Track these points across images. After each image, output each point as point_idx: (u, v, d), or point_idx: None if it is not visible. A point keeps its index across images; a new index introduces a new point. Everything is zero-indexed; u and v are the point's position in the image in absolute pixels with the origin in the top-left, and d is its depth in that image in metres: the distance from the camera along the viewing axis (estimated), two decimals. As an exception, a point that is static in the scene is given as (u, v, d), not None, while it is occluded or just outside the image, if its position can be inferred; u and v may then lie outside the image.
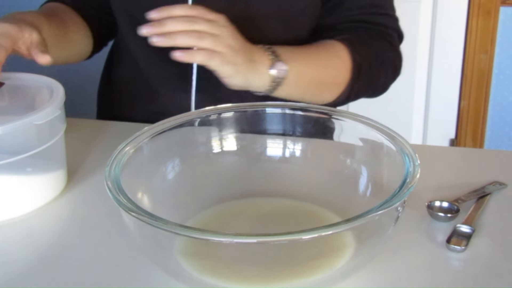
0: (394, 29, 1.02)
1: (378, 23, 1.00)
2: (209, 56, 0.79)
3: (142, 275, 0.62)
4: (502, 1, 2.00)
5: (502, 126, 2.16)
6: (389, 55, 1.00)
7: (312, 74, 0.91)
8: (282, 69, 0.86)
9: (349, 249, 0.57)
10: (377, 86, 1.01)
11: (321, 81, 0.93)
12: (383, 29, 1.00)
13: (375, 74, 0.98)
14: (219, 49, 0.80)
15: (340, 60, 0.93)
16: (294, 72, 0.87)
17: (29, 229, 0.72)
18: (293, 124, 0.74)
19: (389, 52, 1.00)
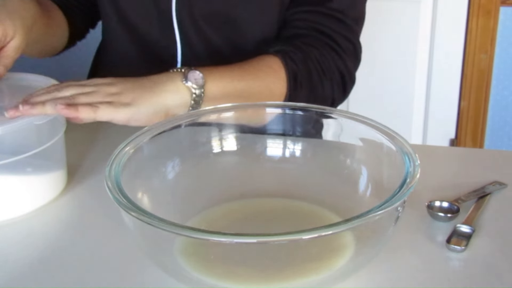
0: (347, 39, 0.96)
1: (324, 24, 0.94)
2: (94, 108, 0.74)
3: (142, 275, 0.62)
4: (502, 1, 2.00)
5: (502, 126, 2.16)
6: (330, 62, 0.93)
7: (238, 85, 0.85)
8: (197, 77, 0.81)
9: (349, 249, 0.57)
10: (322, 97, 0.94)
11: (251, 93, 0.86)
12: (330, 32, 0.94)
13: (317, 84, 0.92)
14: (99, 99, 0.75)
15: (271, 69, 0.89)
16: (214, 83, 0.82)
17: (29, 229, 0.72)
18: (293, 124, 0.74)
19: (331, 59, 0.94)
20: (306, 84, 0.91)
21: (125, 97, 0.76)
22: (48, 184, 0.77)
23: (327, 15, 0.94)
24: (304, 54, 0.91)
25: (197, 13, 0.97)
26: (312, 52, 0.92)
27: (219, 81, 0.83)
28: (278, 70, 0.89)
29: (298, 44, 0.92)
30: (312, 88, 0.92)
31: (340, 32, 0.94)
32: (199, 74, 0.81)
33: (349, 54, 0.96)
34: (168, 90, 0.79)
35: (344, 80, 0.95)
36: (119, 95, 0.76)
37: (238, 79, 0.85)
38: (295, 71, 0.89)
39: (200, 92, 0.80)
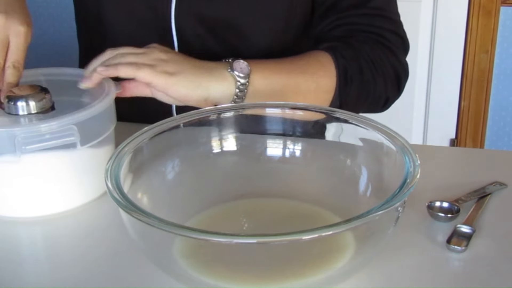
0: (395, 33, 0.94)
1: (371, 24, 0.92)
2: (135, 67, 0.77)
3: (142, 275, 0.62)
4: (502, 1, 2.00)
5: (502, 126, 2.16)
6: (383, 59, 0.91)
7: (285, 79, 0.84)
8: (242, 66, 0.80)
9: (349, 249, 0.57)
10: (376, 95, 0.92)
11: (298, 88, 0.85)
12: (378, 31, 0.92)
13: (370, 80, 0.90)
14: (144, 61, 0.78)
15: (320, 64, 0.87)
16: (260, 74, 0.82)
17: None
18: (293, 124, 0.74)
19: (384, 56, 0.91)
20: (357, 81, 0.88)
21: (171, 67, 0.78)
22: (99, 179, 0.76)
23: (371, 15, 0.93)
24: (355, 51, 0.89)
25: (197, 19, 0.94)
26: (363, 48, 0.90)
27: (265, 73, 0.82)
28: (328, 65, 0.87)
29: (348, 41, 0.90)
30: (364, 84, 0.89)
31: (388, 28, 0.93)
32: (244, 63, 0.80)
33: (400, 48, 0.94)
34: (213, 75, 0.79)
35: (399, 76, 0.93)
36: (166, 62, 0.78)
37: (286, 72, 0.84)
38: (345, 67, 0.87)
39: (245, 82, 0.80)
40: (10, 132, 0.69)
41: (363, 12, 0.92)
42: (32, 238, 0.72)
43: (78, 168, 0.74)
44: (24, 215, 0.73)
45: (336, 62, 0.87)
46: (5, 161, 0.70)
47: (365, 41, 0.91)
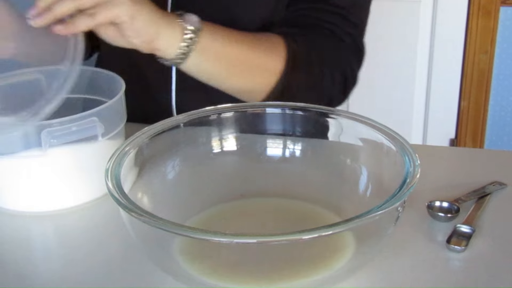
0: (352, 37, 0.92)
1: (329, 22, 0.90)
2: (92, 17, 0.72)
3: (142, 275, 0.62)
4: (502, 1, 2.00)
5: (502, 126, 2.16)
6: (335, 58, 0.90)
7: (235, 47, 0.82)
8: (194, 20, 0.78)
9: (349, 249, 0.57)
10: (321, 89, 0.90)
11: (246, 61, 0.83)
12: (336, 30, 0.91)
13: (317, 72, 0.88)
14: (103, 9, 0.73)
15: (273, 45, 0.85)
16: (211, 34, 0.79)
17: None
18: (293, 124, 0.74)
19: (337, 56, 0.90)
20: (305, 69, 0.87)
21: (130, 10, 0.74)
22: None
23: (330, 12, 0.92)
24: (309, 41, 0.89)
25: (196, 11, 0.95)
26: (317, 41, 0.90)
27: (216, 35, 0.80)
28: (279, 47, 0.86)
29: (305, 31, 0.90)
30: (311, 74, 0.88)
31: (344, 29, 0.91)
32: (196, 18, 0.78)
33: (352, 52, 0.93)
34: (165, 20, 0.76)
35: (346, 79, 0.91)
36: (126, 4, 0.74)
37: (237, 41, 0.82)
38: (295, 52, 0.86)
39: (193, 36, 0.77)
40: (36, 126, 0.69)
41: (322, 7, 0.91)
42: (44, 232, 0.72)
43: (98, 161, 0.73)
44: (40, 209, 0.74)
45: (287, 47, 0.86)
46: (30, 156, 0.71)
47: (321, 35, 0.90)
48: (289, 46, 0.86)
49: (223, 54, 0.81)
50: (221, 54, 0.81)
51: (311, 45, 0.88)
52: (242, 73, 0.84)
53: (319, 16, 0.91)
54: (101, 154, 0.73)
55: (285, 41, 0.86)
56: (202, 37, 0.78)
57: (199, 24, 0.78)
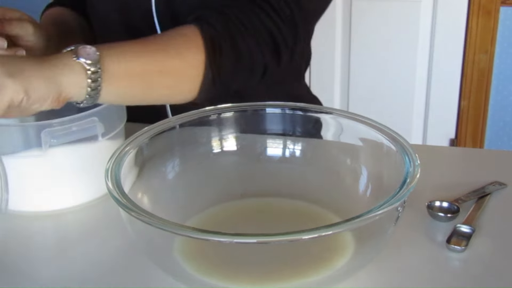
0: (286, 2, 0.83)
1: None
2: None
3: (142, 275, 0.62)
4: (502, 1, 2.00)
5: (502, 126, 2.16)
6: (255, 21, 0.81)
7: (145, 60, 0.74)
8: (89, 52, 0.69)
9: (349, 249, 0.57)
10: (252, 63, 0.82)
11: (163, 67, 0.75)
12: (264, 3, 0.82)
13: (240, 43, 0.80)
14: None
15: (185, 38, 0.78)
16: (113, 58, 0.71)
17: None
18: (293, 124, 0.74)
19: (257, 18, 0.81)
20: (227, 47, 0.79)
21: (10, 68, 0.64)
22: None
23: None
24: (224, 16, 0.80)
25: (177, 10, 0.92)
26: (232, 12, 0.81)
27: (118, 56, 0.71)
28: (193, 37, 0.78)
29: (218, 8, 0.82)
30: (235, 49, 0.80)
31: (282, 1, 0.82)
32: (91, 49, 0.69)
33: (285, 20, 0.83)
34: (59, 67, 0.67)
35: (277, 44, 0.82)
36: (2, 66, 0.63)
37: (144, 52, 0.74)
38: (212, 35, 0.78)
39: (96, 69, 0.68)
40: (36, 126, 0.69)
41: None
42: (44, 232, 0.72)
43: (98, 161, 0.72)
44: (40, 209, 0.74)
45: (202, 33, 0.78)
46: (30, 156, 0.71)
47: (235, 4, 0.82)
48: (203, 32, 0.78)
49: (136, 72, 0.73)
50: (133, 72, 0.73)
51: (228, 19, 0.80)
52: (164, 80, 0.76)
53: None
54: (101, 154, 0.73)
55: (198, 28, 0.78)
56: (106, 65, 0.70)
57: (96, 54, 0.69)
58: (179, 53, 0.76)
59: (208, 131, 0.73)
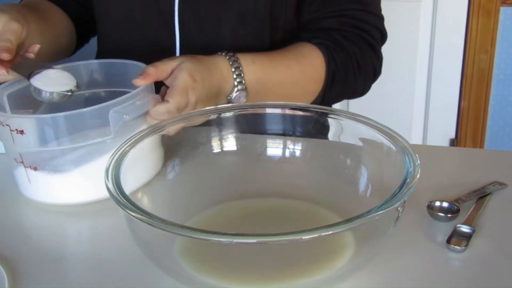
0: (378, 29, 0.99)
1: (360, 19, 0.97)
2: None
3: (142, 275, 0.62)
4: (502, 1, 2.00)
5: (502, 126, 2.16)
6: (367, 59, 0.97)
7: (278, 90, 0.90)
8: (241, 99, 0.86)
9: (349, 249, 0.57)
10: (353, 91, 0.99)
11: (288, 95, 0.91)
12: (365, 27, 0.97)
13: (351, 81, 0.96)
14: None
15: (313, 70, 0.91)
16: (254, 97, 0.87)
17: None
18: (293, 124, 0.74)
19: (368, 56, 0.97)
20: (341, 84, 0.94)
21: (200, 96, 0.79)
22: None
23: (360, 10, 0.96)
24: (346, 54, 0.94)
25: (202, 13, 0.95)
26: (352, 50, 0.94)
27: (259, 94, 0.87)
28: (319, 70, 0.92)
29: (339, 40, 0.94)
30: (346, 86, 0.95)
31: (374, 24, 0.98)
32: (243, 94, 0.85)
33: (380, 44, 0.99)
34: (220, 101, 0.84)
35: (375, 71, 0.99)
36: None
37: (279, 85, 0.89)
38: (334, 73, 0.92)
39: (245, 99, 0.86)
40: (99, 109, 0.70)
41: (353, 7, 0.96)
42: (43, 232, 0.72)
43: None
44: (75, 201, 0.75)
45: (327, 67, 0.92)
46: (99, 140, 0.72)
47: (354, 40, 0.95)
48: (328, 66, 0.92)
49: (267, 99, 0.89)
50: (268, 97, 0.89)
51: (349, 59, 0.94)
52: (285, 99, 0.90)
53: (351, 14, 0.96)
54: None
55: (325, 60, 0.92)
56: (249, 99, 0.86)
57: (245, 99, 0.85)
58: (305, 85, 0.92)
59: (208, 131, 0.73)
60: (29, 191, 0.76)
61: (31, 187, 0.75)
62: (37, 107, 0.80)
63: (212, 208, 0.70)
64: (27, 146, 0.71)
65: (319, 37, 0.94)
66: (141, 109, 0.72)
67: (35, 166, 0.73)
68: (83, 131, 0.71)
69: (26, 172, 0.73)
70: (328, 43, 0.94)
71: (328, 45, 0.93)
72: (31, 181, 0.74)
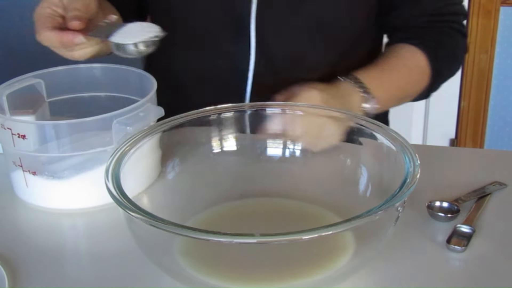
0: (463, 14, 1.03)
1: (451, 13, 1.00)
2: None
3: (142, 275, 0.62)
4: (502, 1, 2.00)
5: (502, 126, 2.16)
6: (461, 46, 1.02)
7: (397, 95, 0.97)
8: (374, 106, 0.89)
9: (349, 249, 0.57)
10: (450, 76, 1.05)
11: (403, 98, 1.00)
12: (455, 18, 1.01)
13: (452, 70, 1.03)
14: None
15: (420, 71, 0.97)
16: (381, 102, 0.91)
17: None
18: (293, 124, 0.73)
19: (462, 43, 1.02)
20: (443, 77, 1.01)
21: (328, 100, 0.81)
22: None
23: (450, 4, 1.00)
24: (444, 49, 0.98)
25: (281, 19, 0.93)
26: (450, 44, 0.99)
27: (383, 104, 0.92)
28: (425, 71, 0.96)
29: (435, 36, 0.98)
30: (448, 76, 1.02)
31: (461, 11, 1.02)
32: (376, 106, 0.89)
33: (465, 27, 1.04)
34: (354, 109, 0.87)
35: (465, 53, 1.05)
36: None
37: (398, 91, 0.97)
38: (438, 70, 0.97)
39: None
40: (103, 119, 0.70)
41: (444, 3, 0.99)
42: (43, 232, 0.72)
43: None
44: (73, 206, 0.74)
45: (431, 65, 0.96)
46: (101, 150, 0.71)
47: (448, 33, 1.00)
48: (432, 65, 0.96)
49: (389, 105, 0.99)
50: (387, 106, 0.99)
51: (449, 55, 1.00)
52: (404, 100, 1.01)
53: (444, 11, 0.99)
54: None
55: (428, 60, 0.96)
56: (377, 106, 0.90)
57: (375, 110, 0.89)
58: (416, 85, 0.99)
59: (208, 131, 0.73)
60: (26, 194, 0.75)
61: (28, 191, 0.75)
62: (37, 107, 0.80)
63: (212, 208, 0.70)
64: (28, 151, 0.71)
65: (416, 37, 0.97)
66: (144, 120, 0.71)
67: (34, 170, 0.72)
68: (84, 139, 0.71)
69: (24, 176, 0.73)
70: (427, 42, 0.97)
71: (427, 44, 0.97)
72: (28, 185, 0.74)
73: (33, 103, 0.80)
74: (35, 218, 0.74)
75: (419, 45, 0.96)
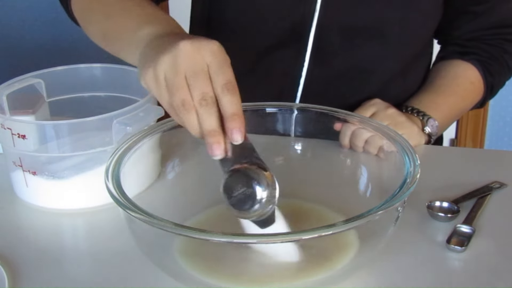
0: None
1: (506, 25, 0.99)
2: None
3: (142, 275, 0.62)
4: None
5: (502, 126, 2.16)
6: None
7: (453, 116, 0.98)
8: (434, 125, 0.91)
9: (349, 249, 0.57)
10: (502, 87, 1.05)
11: (458, 115, 1.02)
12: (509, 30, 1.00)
13: (506, 82, 1.03)
14: None
15: (474, 87, 0.98)
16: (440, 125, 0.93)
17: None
18: (293, 124, 0.73)
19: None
20: (498, 89, 1.02)
21: None
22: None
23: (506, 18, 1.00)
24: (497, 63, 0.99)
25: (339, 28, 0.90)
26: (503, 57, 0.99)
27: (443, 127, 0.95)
28: (478, 86, 0.98)
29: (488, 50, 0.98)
30: (499, 88, 1.03)
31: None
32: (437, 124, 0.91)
33: None
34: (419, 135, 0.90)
35: None
36: None
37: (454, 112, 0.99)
38: (492, 84, 0.99)
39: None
40: (103, 119, 0.70)
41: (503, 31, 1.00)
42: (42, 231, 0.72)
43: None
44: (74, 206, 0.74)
45: (485, 81, 0.98)
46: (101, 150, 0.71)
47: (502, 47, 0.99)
48: (486, 80, 0.98)
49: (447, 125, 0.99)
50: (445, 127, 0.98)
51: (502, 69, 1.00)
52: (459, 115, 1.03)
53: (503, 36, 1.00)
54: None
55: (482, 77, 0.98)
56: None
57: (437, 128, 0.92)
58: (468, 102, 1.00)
59: (208, 131, 0.72)
60: (26, 194, 0.75)
61: (28, 191, 0.75)
62: (37, 107, 0.80)
63: (212, 208, 0.69)
64: (28, 151, 0.71)
65: (470, 52, 0.98)
66: (144, 120, 0.71)
67: (34, 170, 0.72)
68: (84, 139, 0.71)
69: (24, 176, 0.73)
70: (480, 58, 0.98)
71: (480, 59, 0.98)
72: (28, 185, 0.74)
73: (33, 103, 0.80)
74: (35, 218, 0.74)
75: (473, 60, 0.98)
